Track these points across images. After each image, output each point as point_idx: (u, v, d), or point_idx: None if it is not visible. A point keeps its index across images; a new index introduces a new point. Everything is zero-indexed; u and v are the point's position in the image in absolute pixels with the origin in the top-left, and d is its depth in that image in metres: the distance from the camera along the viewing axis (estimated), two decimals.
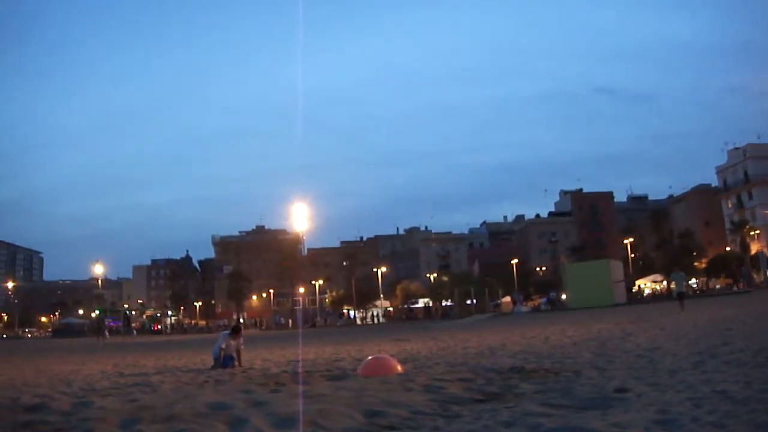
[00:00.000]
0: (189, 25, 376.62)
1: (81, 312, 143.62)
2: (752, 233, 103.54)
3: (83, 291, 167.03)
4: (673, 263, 77.47)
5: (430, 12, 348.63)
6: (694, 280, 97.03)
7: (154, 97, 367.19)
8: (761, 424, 5.23)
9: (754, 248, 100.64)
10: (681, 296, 34.56)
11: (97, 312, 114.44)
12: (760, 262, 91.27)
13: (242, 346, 16.55)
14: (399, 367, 11.85)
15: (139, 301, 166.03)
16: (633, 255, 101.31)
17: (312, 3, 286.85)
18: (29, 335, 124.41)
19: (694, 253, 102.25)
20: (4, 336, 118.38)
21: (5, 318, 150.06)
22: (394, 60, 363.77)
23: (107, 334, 62.72)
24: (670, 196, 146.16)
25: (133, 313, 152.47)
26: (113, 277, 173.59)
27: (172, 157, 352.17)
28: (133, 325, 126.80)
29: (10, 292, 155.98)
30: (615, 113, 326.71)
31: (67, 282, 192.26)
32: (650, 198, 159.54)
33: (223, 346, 15.94)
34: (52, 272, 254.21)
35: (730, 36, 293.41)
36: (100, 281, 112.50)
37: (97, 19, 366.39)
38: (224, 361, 15.74)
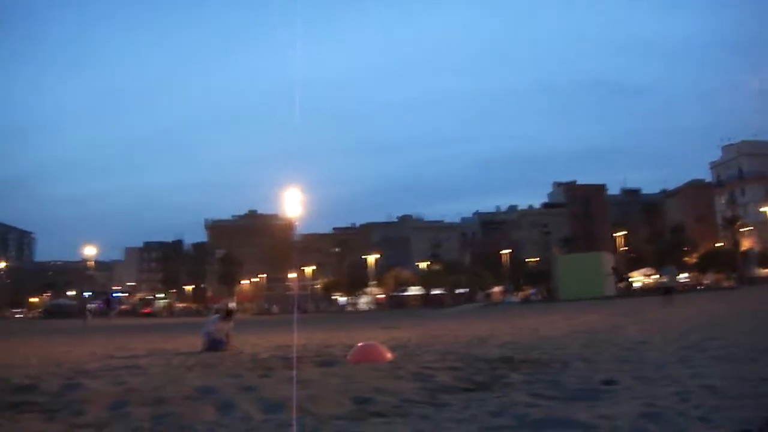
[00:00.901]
0: (188, 8, 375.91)
1: (72, 293, 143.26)
2: (743, 229, 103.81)
3: (74, 272, 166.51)
4: (665, 257, 77.68)
5: (429, 1, 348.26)
6: (685, 275, 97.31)
7: (149, 81, 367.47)
8: (747, 420, 5.26)
9: (745, 245, 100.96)
10: (669, 290, 34.59)
11: (88, 294, 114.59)
12: (750, 258, 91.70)
13: (232, 330, 16.52)
14: (388, 355, 11.84)
15: (130, 283, 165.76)
16: (624, 248, 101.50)
17: None
18: (19, 316, 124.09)
19: (686, 248, 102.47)
20: None
21: None
22: (391, 49, 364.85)
23: (89, 316, 62.97)
24: (663, 191, 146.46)
25: (125, 295, 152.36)
26: (105, 259, 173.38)
27: (167, 141, 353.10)
28: (123, 307, 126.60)
29: (0, 272, 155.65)
30: (611, 106, 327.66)
31: (59, 263, 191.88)
32: (643, 192, 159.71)
33: (213, 329, 15.92)
34: (43, 253, 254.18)
35: (729, 32, 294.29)
36: (91, 263, 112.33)
37: (96, 2, 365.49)
38: (214, 344, 15.71)
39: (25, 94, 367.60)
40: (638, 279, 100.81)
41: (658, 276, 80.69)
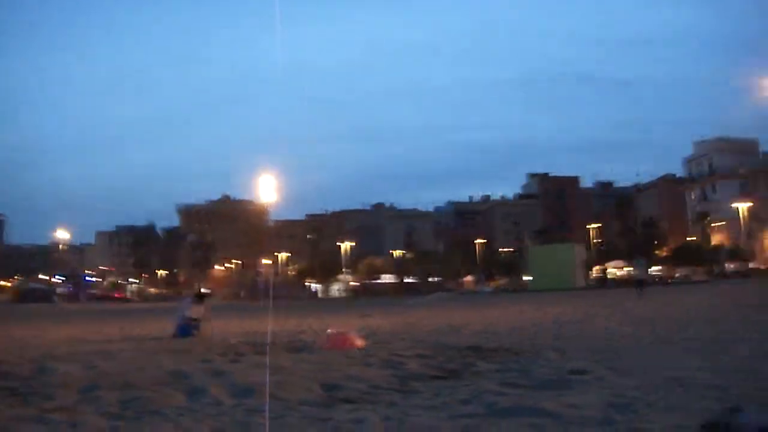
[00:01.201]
0: None
1: (44, 277, 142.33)
2: (714, 224, 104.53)
3: (45, 255, 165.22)
4: (636, 250, 78.20)
5: None
6: (657, 268, 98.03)
7: (124, 62, 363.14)
8: (711, 410, 5.32)
9: (716, 240, 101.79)
10: (640, 283, 34.93)
11: (59, 278, 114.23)
12: (721, 253, 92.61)
13: (206, 314, 16.46)
14: (360, 342, 11.89)
15: (101, 267, 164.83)
16: (597, 241, 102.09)
17: None
18: None
19: (657, 242, 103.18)
20: None
21: None
22: (378, 36, 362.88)
23: (57, 300, 63.88)
24: (636, 184, 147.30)
25: (97, 280, 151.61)
26: (76, 243, 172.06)
27: (141, 123, 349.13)
28: (95, 291, 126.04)
29: None
30: (591, 99, 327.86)
31: (30, 246, 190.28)
32: (616, 185, 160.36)
33: (187, 314, 15.89)
34: (15, 236, 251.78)
35: (709, 26, 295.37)
36: (63, 246, 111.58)
37: None
38: (186, 329, 15.68)
39: None
40: (611, 271, 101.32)
41: (630, 268, 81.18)
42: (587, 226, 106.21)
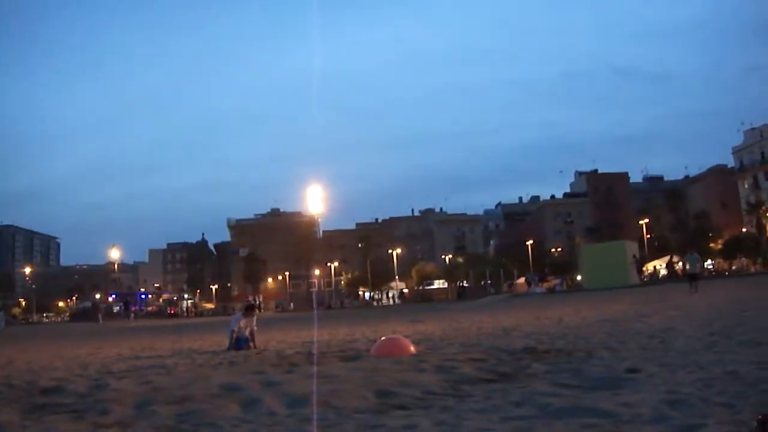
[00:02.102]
0: (206, 8, 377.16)
1: (98, 296, 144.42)
2: None
3: (100, 275, 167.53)
4: (689, 244, 77.10)
5: None
6: (710, 261, 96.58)
7: (170, 83, 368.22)
8: None
9: None
10: (694, 277, 34.38)
11: (112, 297, 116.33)
12: None
13: (255, 327, 16.56)
14: (412, 348, 11.86)
15: (155, 285, 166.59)
16: (649, 236, 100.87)
17: None
18: (47, 320, 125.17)
19: (710, 234, 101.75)
20: (23, 321, 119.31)
21: (23, 303, 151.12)
22: (412, 42, 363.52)
23: (100, 318, 65.61)
24: (686, 177, 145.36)
25: (150, 296, 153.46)
26: (129, 262, 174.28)
27: (188, 143, 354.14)
28: (150, 308, 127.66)
29: (27, 278, 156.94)
30: (632, 93, 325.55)
31: (84, 267, 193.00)
32: (666, 179, 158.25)
33: (236, 327, 16.02)
34: (69, 257, 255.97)
35: (752, 14, 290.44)
36: (116, 265, 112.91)
37: (113, 7, 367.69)
38: (239, 342, 15.81)
39: (49, 103, 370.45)
40: (662, 266, 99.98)
41: (681, 264, 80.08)
42: (638, 222, 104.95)
